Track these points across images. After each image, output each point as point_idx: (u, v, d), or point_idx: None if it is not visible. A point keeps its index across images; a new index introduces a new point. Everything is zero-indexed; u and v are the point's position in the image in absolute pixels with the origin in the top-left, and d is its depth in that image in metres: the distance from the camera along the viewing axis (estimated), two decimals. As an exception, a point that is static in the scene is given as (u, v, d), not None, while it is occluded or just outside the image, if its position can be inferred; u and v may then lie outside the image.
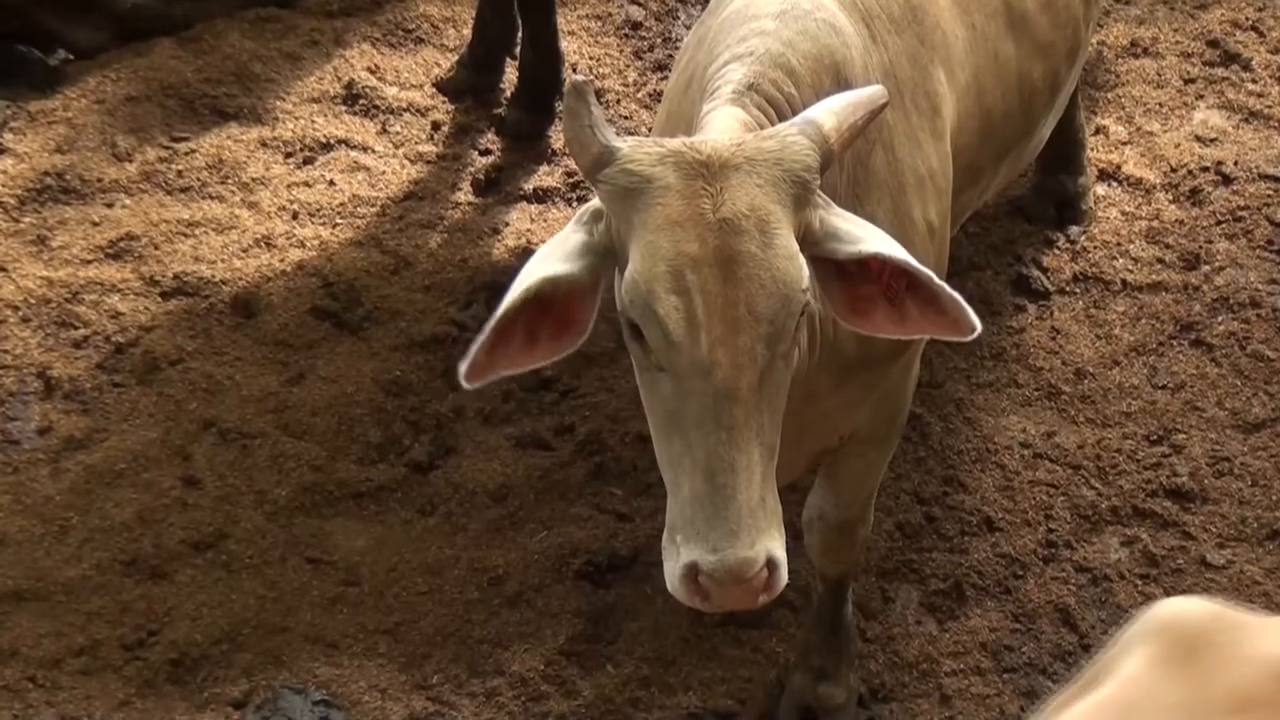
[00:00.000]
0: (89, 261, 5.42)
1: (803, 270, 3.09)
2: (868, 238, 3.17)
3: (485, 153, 5.83)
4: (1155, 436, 4.98)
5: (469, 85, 6.02)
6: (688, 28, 6.01)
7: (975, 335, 3.15)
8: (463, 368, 3.14)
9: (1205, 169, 5.66)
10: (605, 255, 3.19)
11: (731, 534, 3.03)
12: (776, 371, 3.10)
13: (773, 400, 3.11)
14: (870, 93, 3.27)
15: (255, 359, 5.19)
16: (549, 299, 3.17)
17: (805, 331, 3.28)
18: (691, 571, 3.06)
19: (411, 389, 5.11)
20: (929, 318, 3.19)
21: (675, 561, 3.09)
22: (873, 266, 3.17)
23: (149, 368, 5.15)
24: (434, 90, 6.03)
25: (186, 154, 5.76)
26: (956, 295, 3.14)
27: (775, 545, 3.08)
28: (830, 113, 3.18)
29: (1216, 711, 2.59)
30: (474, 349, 3.15)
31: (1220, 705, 2.59)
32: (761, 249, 3.05)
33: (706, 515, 3.04)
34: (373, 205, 5.63)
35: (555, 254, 3.19)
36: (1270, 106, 5.86)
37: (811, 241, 3.13)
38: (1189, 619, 2.77)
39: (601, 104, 5.92)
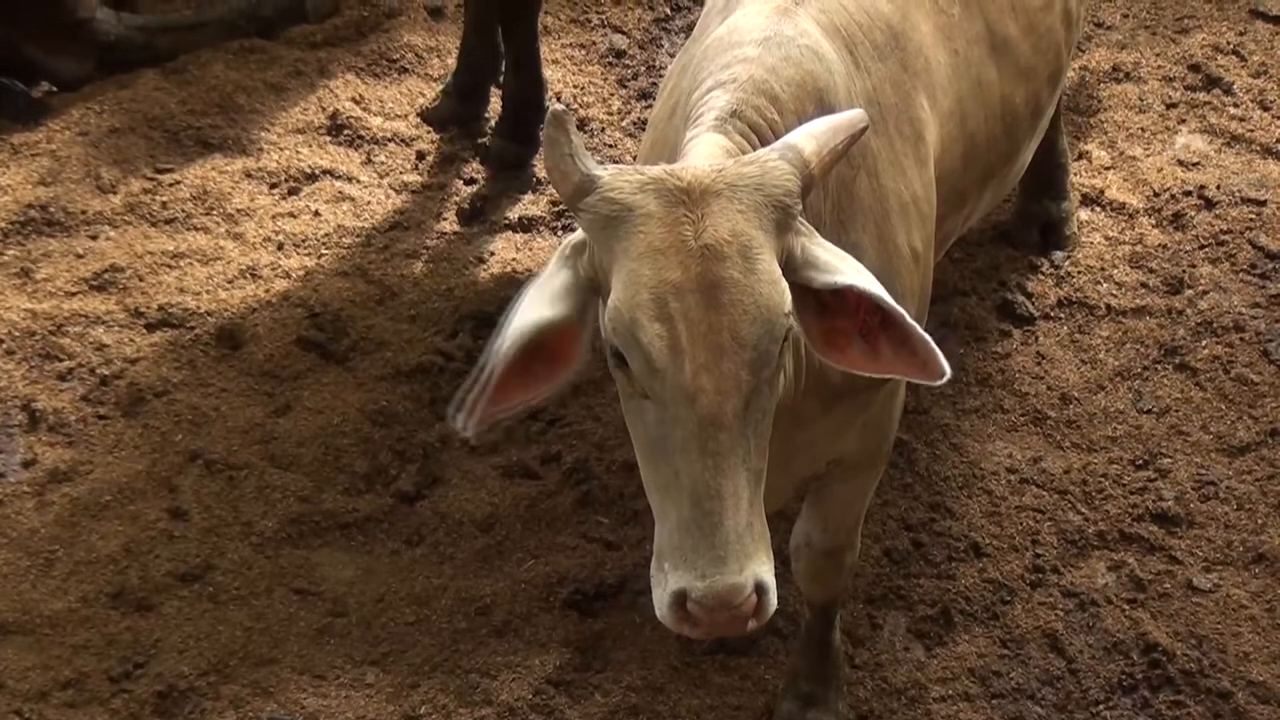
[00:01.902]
0: (73, 294, 5.42)
1: (785, 295, 3.08)
2: (846, 269, 3.17)
3: (470, 182, 5.84)
4: (1141, 461, 4.98)
5: (453, 115, 6.03)
6: (671, 55, 6.03)
7: (944, 380, 3.14)
8: (461, 419, 3.14)
9: (1188, 193, 5.68)
10: (590, 290, 3.18)
11: (719, 560, 3.02)
12: (761, 397, 3.09)
13: (758, 426, 3.10)
14: (850, 117, 3.27)
15: (241, 390, 5.18)
16: (539, 343, 3.17)
17: (790, 356, 3.28)
18: (680, 598, 3.04)
19: (398, 419, 5.11)
20: (901, 358, 3.18)
21: (664, 589, 3.08)
22: (849, 300, 3.17)
23: (134, 400, 5.14)
24: (418, 120, 6.04)
25: (171, 185, 5.76)
26: (928, 338, 3.14)
27: (764, 570, 3.06)
28: (810, 137, 3.18)
29: None
30: (472, 399, 3.15)
31: None
32: (744, 274, 3.05)
33: (694, 542, 3.03)
34: (358, 235, 5.63)
35: (542, 298, 3.18)
36: (1252, 130, 5.88)
37: (792, 269, 3.13)
38: None
39: (586, 132, 5.93)
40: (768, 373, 3.08)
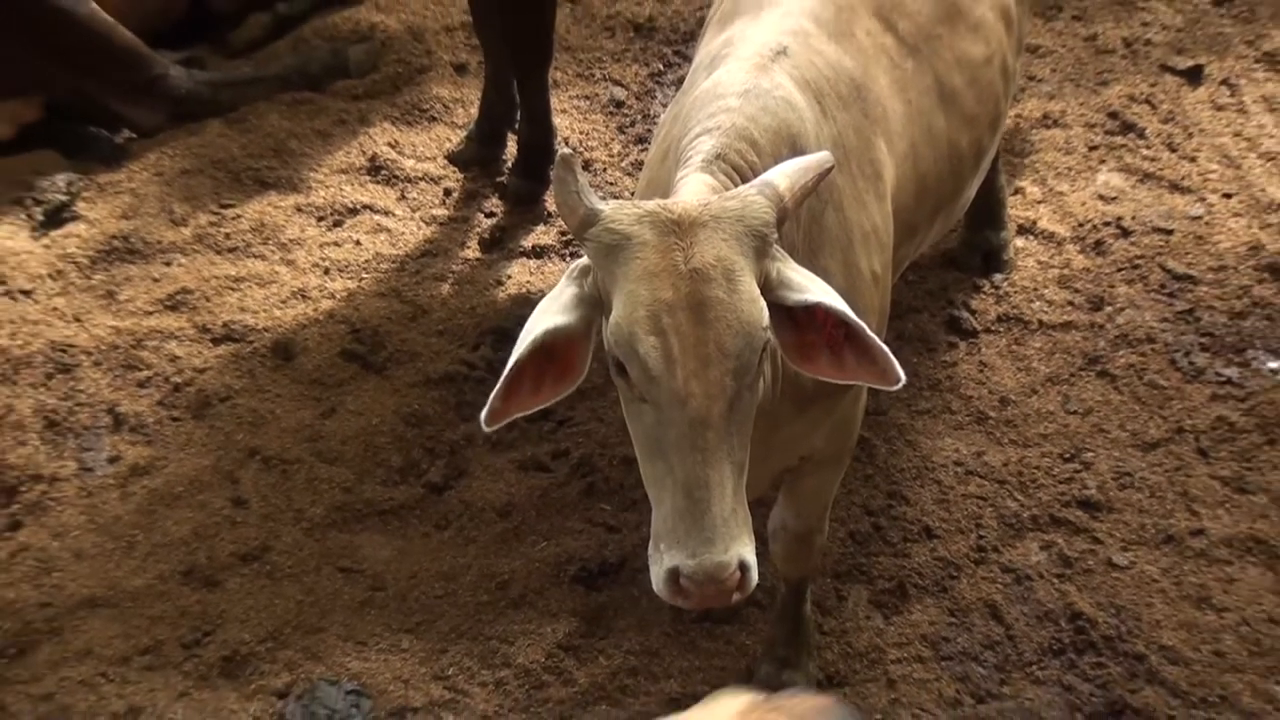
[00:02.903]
0: (150, 313, 5.42)
1: (764, 312, 3.08)
2: (816, 290, 3.17)
3: (490, 215, 5.84)
4: (1068, 455, 4.98)
5: (476, 157, 6.04)
6: (664, 106, 6.03)
7: (900, 385, 3.14)
8: (483, 415, 3.15)
9: (1107, 224, 5.68)
10: (594, 306, 3.18)
11: (708, 541, 3.02)
12: (744, 400, 3.09)
13: (741, 425, 3.11)
14: (818, 158, 3.27)
15: (293, 396, 5.18)
16: (550, 347, 3.17)
17: (768, 365, 3.28)
18: (674, 575, 3.05)
19: (428, 420, 5.11)
20: (863, 366, 3.18)
21: (659, 566, 3.08)
22: (818, 316, 3.17)
23: (202, 404, 5.14)
24: (445, 162, 6.05)
25: (233, 219, 5.76)
26: (886, 349, 3.14)
27: (746, 550, 3.07)
28: (784, 175, 3.18)
29: None
30: (492, 398, 3.16)
31: None
32: (727, 294, 3.05)
33: (686, 526, 3.03)
34: (393, 261, 5.63)
35: (553, 308, 3.19)
36: (1162, 169, 5.88)
37: (769, 289, 3.13)
38: None
39: (590, 173, 5.94)
40: (749, 379, 3.09)
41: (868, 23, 3.84)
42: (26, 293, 5.46)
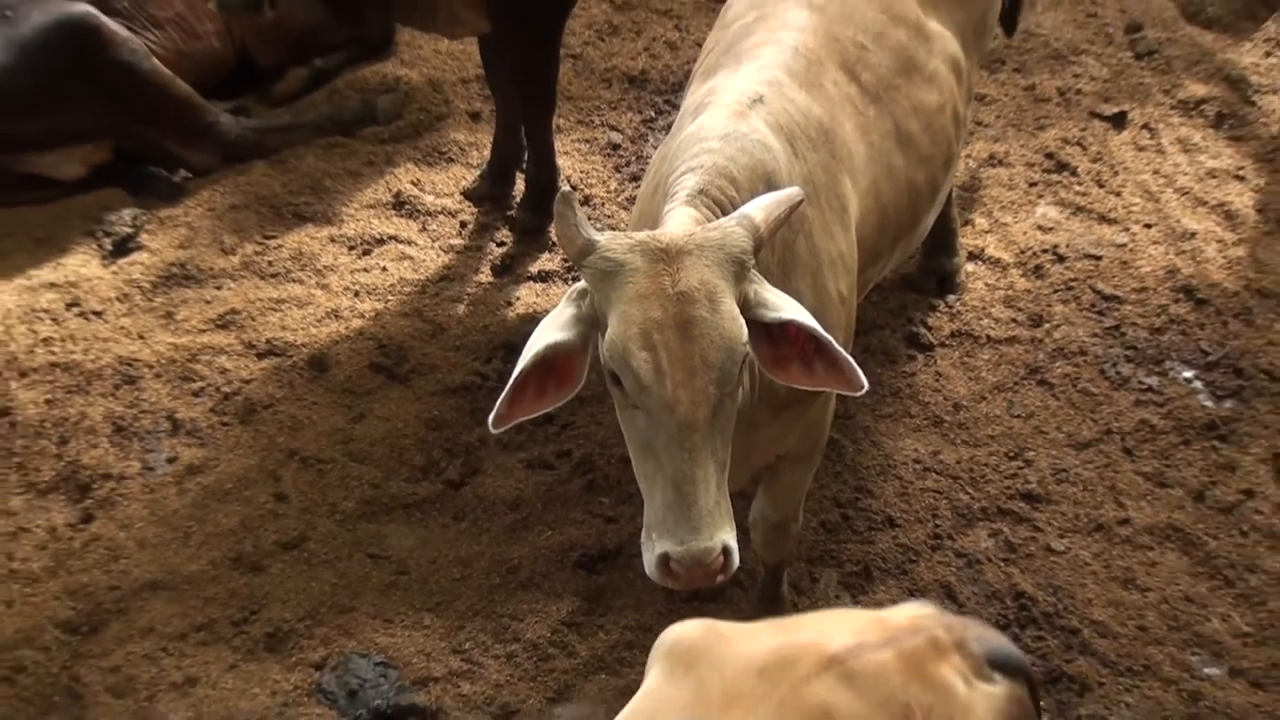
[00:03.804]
0: (203, 331, 5.41)
1: (743, 329, 3.09)
2: (789, 308, 3.18)
3: (500, 244, 5.84)
4: (1012, 454, 4.98)
5: (488, 194, 6.03)
6: (655, 148, 6.04)
7: (863, 392, 3.15)
8: (491, 419, 3.15)
9: (1045, 251, 5.68)
10: (591, 323, 3.19)
11: (694, 530, 3.03)
12: (725, 406, 3.10)
13: (723, 428, 3.12)
14: (789, 193, 3.28)
15: (327, 403, 5.17)
16: (551, 360, 3.18)
17: (747, 376, 3.28)
18: (665, 560, 3.06)
19: (446, 424, 5.10)
20: (831, 375, 3.19)
21: (652, 552, 3.09)
22: (791, 331, 3.18)
23: (248, 411, 5.14)
24: (461, 197, 6.04)
25: (275, 248, 5.76)
26: (851, 360, 3.16)
27: (729, 538, 3.08)
28: (760, 208, 3.19)
29: (713, 708, 2.54)
30: (498, 403, 3.16)
31: (715, 703, 2.55)
32: (710, 314, 3.06)
33: (675, 517, 3.04)
34: (415, 285, 5.63)
35: (554, 325, 3.20)
36: (1092, 203, 5.89)
37: (747, 308, 3.14)
38: (686, 637, 2.72)
39: (589, 207, 5.94)
40: (730, 388, 3.10)
41: (834, 74, 3.85)
42: (97, 313, 5.46)
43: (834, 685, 2.50)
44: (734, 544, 3.09)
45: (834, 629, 2.63)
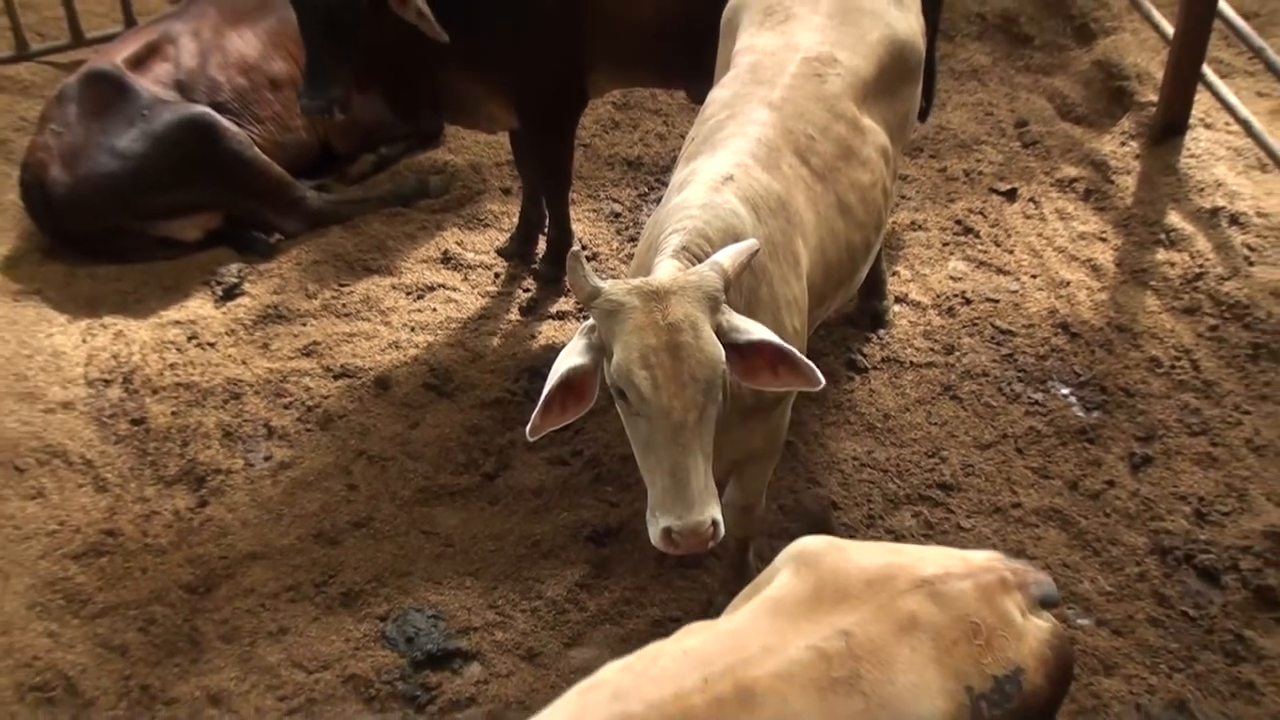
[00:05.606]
0: (291, 358, 5.43)
1: (720, 351, 3.13)
2: (755, 330, 3.23)
3: (526, 290, 5.85)
4: (930, 453, 5.00)
5: (517, 252, 6.03)
6: (648, 216, 6.07)
7: (821, 388, 3.19)
8: (528, 430, 3.19)
9: (955, 296, 5.69)
10: (600, 351, 3.22)
11: (689, 508, 3.06)
12: (709, 411, 3.14)
13: (708, 428, 3.16)
14: (749, 243, 3.33)
15: (389, 415, 5.19)
16: (571, 380, 3.21)
17: (724, 388, 3.32)
18: (667, 531, 3.09)
19: (484, 430, 5.12)
20: (794, 376, 3.24)
21: (656, 526, 3.12)
22: (758, 347, 3.22)
23: (326, 420, 5.16)
24: (496, 254, 6.05)
25: (348, 294, 5.77)
26: (809, 362, 3.20)
27: (716, 513, 3.11)
28: (727, 256, 3.25)
29: (827, 602, 2.61)
30: (533, 418, 3.19)
31: (829, 598, 2.62)
32: (694, 340, 3.10)
33: (673, 498, 3.08)
34: (459, 322, 5.64)
35: (571, 353, 3.23)
36: (991, 259, 5.89)
37: (722, 334, 3.18)
38: (813, 546, 2.80)
39: (595, 262, 5.96)
40: (713, 396, 3.13)
41: (790, 159, 3.87)
42: (211, 344, 5.48)
43: (923, 600, 2.59)
44: (720, 518, 3.13)
45: (929, 559, 2.71)
